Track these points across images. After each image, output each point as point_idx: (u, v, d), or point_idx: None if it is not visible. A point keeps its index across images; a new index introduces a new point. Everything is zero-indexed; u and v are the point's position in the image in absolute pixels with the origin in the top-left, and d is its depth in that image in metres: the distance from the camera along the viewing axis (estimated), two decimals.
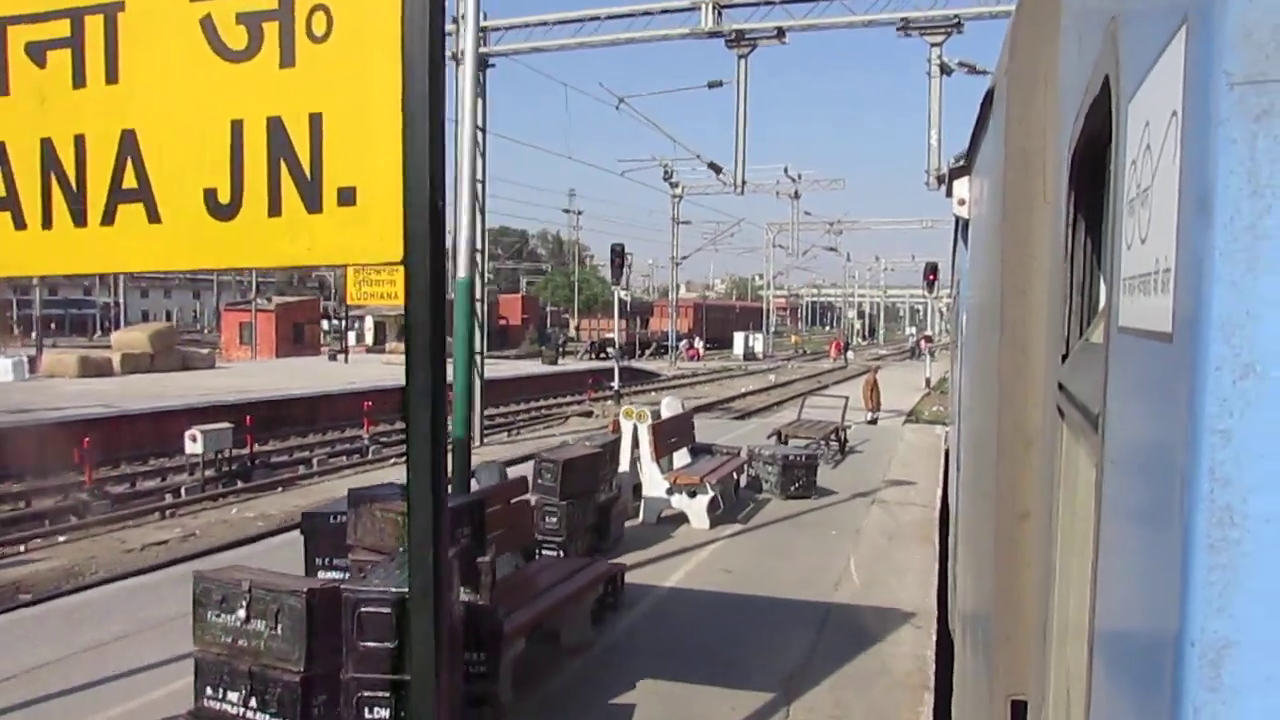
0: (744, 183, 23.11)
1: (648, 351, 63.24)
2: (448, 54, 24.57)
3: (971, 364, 4.39)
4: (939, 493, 14.08)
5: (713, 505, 11.29)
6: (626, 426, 11.42)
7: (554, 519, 9.11)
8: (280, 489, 19.92)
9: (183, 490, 18.71)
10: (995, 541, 2.54)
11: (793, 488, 13.02)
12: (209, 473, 19.52)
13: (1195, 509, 0.78)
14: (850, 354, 70.41)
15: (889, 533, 11.34)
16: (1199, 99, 0.81)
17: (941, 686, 6.64)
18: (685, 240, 61.67)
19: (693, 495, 11.09)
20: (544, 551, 9.13)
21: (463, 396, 8.12)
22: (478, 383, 25.85)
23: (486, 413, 33.27)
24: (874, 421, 26.52)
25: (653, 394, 41.97)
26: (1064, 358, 1.89)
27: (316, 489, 19.90)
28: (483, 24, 24.44)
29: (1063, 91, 2.05)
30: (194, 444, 18.80)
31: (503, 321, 76.54)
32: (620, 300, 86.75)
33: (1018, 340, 2.44)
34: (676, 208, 54.37)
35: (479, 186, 25.59)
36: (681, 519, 11.24)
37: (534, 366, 44.92)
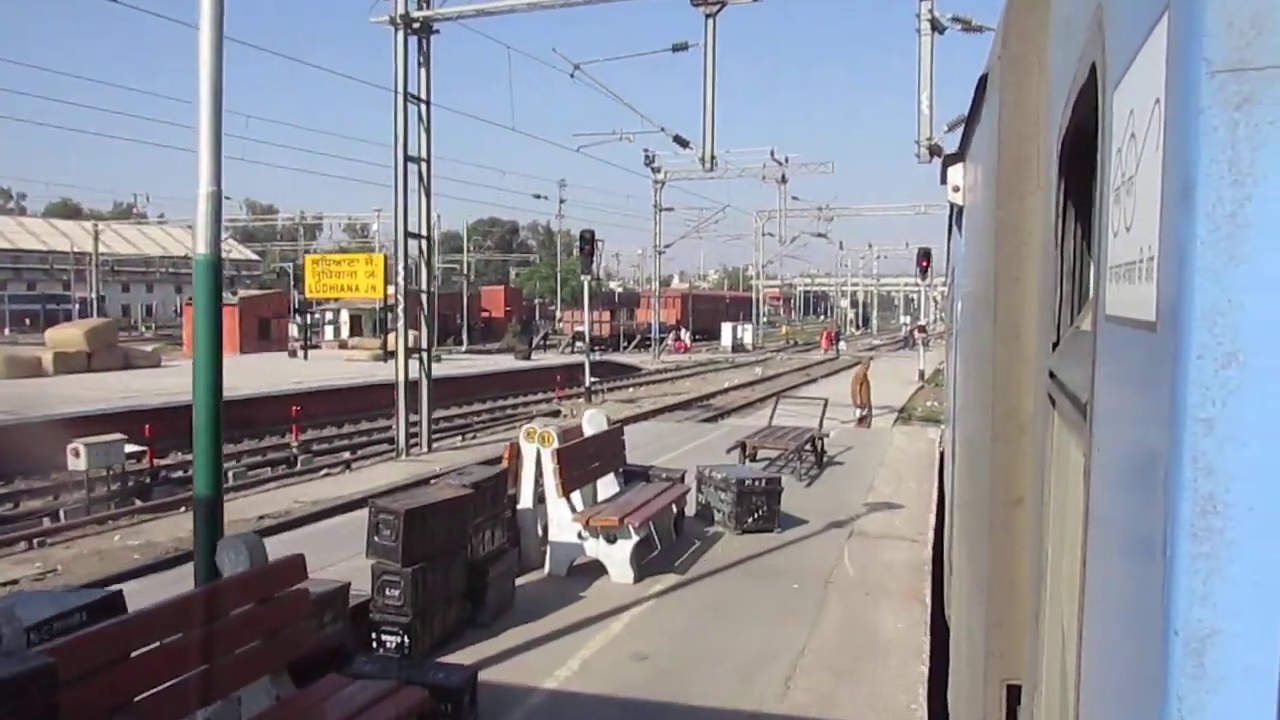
0: (713, 157, 20.48)
1: (632, 343, 60.59)
2: (390, 16, 21.85)
3: (966, 351, 4.39)
4: (932, 520, 11.49)
5: (638, 552, 8.69)
6: (528, 451, 8.80)
7: (395, 592, 6.51)
8: (183, 509, 17.31)
9: (62, 514, 16.09)
10: (989, 527, 2.56)
11: (750, 519, 10.41)
12: (99, 491, 16.91)
13: (1179, 498, 0.78)
14: (842, 345, 67.78)
15: (867, 585, 8.72)
16: (1180, 87, 0.80)
17: (936, 671, 6.43)
18: (674, 229, 59.04)
19: (611, 540, 8.47)
20: (385, 637, 6.53)
21: (207, 431, 5.31)
22: (425, 383, 23.30)
23: (445, 414, 30.63)
24: (864, 420, 23.90)
25: (630, 390, 39.38)
26: (1055, 345, 1.89)
27: (227, 506, 17.31)
28: None
29: (1052, 79, 2.08)
30: (77, 459, 16.18)
31: (485, 314, 73.94)
32: (609, 290, 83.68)
33: (1011, 328, 2.46)
34: (659, 194, 51.67)
35: (422, 165, 22.98)
36: (600, 569, 8.65)
37: (506, 361, 42.28)
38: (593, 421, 10.09)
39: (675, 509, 9.83)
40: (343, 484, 18.93)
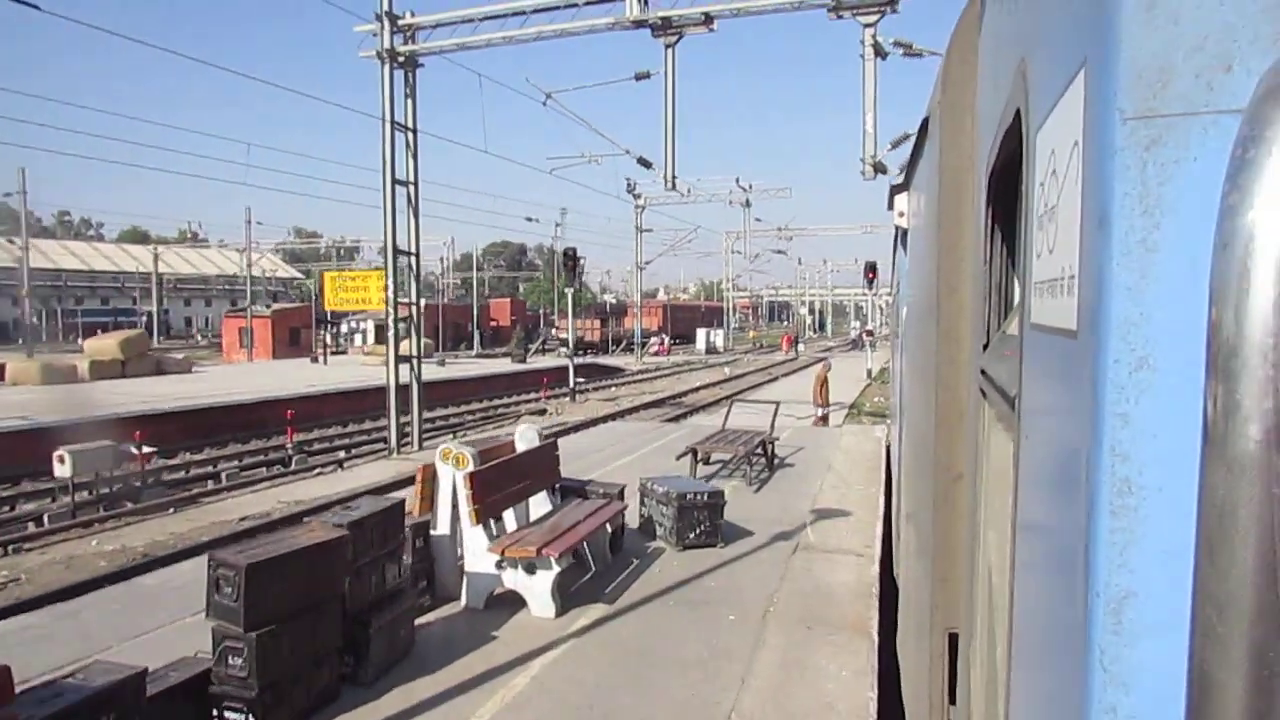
0: (674, 178, 18.53)
1: (620, 347, 58.59)
2: (376, 51, 19.84)
3: (911, 351, 4.36)
4: (879, 529, 9.57)
5: (564, 580, 6.75)
6: (444, 473, 6.85)
7: (238, 661, 4.56)
8: (172, 510, 15.33)
9: (45, 519, 14.08)
10: (933, 499, 2.54)
11: (692, 535, 8.48)
12: (84, 496, 14.90)
13: (1099, 480, 0.78)
14: (801, 347, 65.90)
15: (809, 616, 6.78)
16: (1097, 131, 0.80)
17: (884, 629, 6.24)
18: (654, 248, 57.07)
19: (531, 571, 6.52)
20: (229, 715, 4.59)
21: None
22: (415, 386, 21.34)
23: (439, 413, 28.64)
24: (825, 419, 21.95)
25: (612, 389, 37.38)
26: (985, 347, 1.88)
27: (213, 508, 15.33)
28: (409, 21, 19.79)
29: (980, 121, 2.08)
30: (62, 466, 14.17)
31: (494, 323, 71.83)
32: (603, 302, 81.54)
33: (950, 331, 2.47)
34: (639, 217, 49.65)
35: (410, 189, 21.02)
36: (521, 600, 6.70)
37: (506, 365, 40.20)
38: (525, 437, 8.12)
39: (610, 528, 7.88)
40: (332, 482, 16.91)
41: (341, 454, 20.95)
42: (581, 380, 40.14)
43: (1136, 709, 0.77)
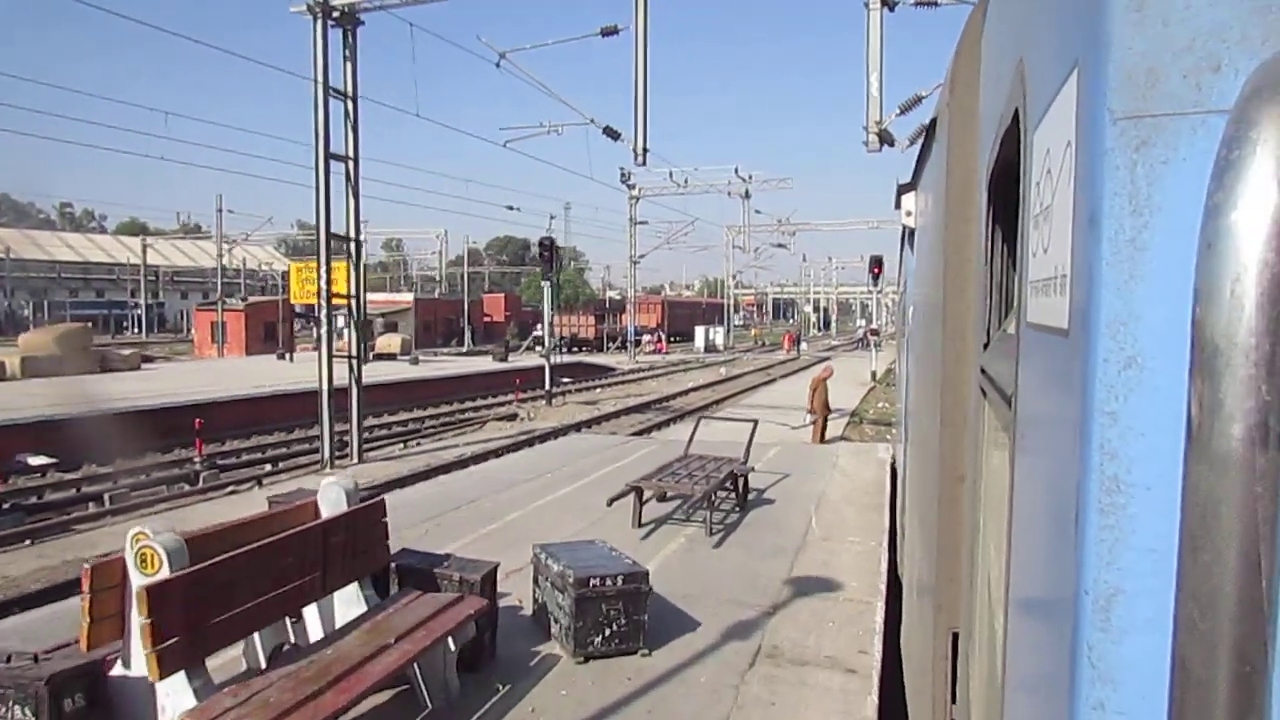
0: (645, 150, 15.69)
1: (614, 345, 55.72)
2: (308, 4, 16.77)
3: (918, 351, 4.38)
4: (880, 610, 6.70)
5: None
6: (135, 579, 4.02)
7: None
8: (29, 541, 12.56)
9: None
10: (938, 500, 2.53)
11: (599, 637, 5.60)
12: None
13: (1088, 478, 0.78)
14: (804, 346, 62.87)
15: None
16: (1088, 131, 0.80)
17: (890, 622, 6.14)
18: (652, 241, 54.13)
19: None
20: None
21: None
22: (355, 390, 18.56)
23: (399, 418, 25.83)
24: (822, 432, 19.02)
25: (597, 391, 34.50)
26: (986, 345, 1.88)
27: (84, 539, 12.58)
28: None
29: (983, 121, 2.10)
30: None
31: (487, 318, 69.09)
32: (602, 297, 78.60)
33: (957, 331, 2.45)
34: (634, 208, 46.74)
35: (348, 165, 18.22)
36: None
37: (486, 363, 37.32)
38: (329, 497, 5.22)
39: (456, 643, 4.99)
40: (239, 506, 14.10)
41: (268, 467, 18.14)
42: (568, 380, 37.34)
43: (1123, 704, 0.77)
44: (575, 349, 56.93)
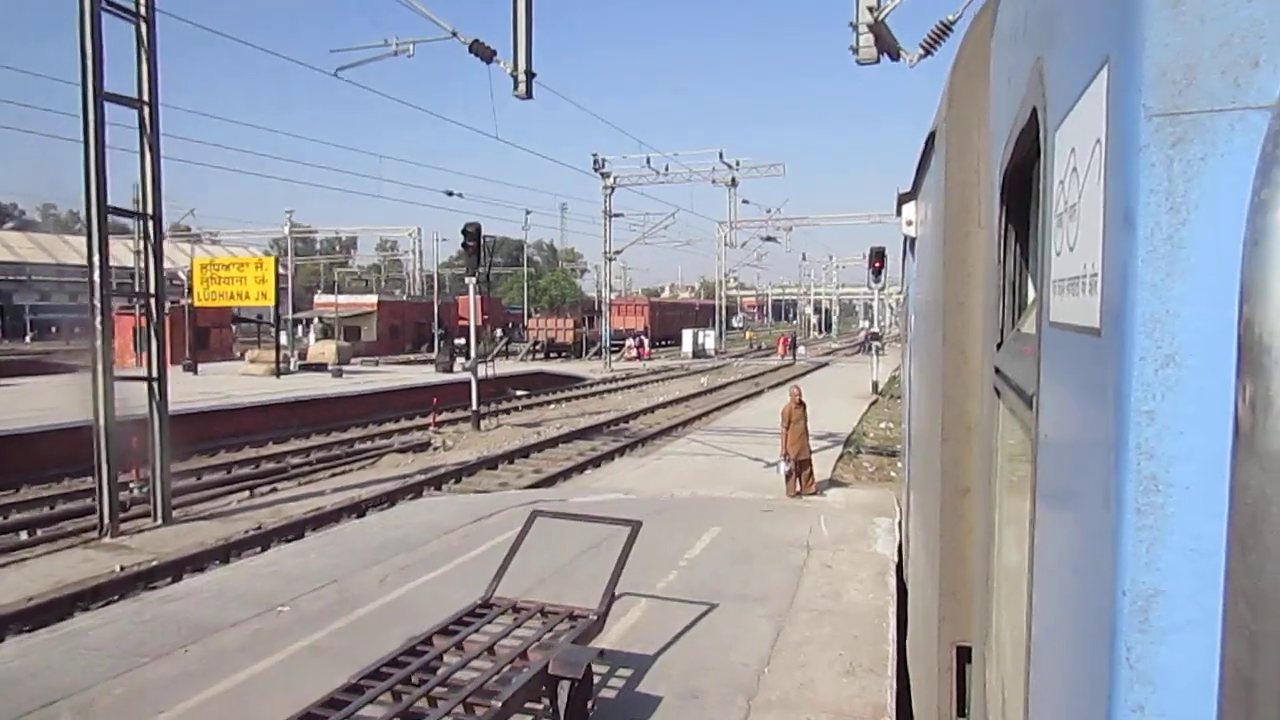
0: (529, 75, 10.46)
1: (592, 350, 50.37)
2: None
3: (919, 362, 4.30)
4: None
5: None
6: None
7: None
8: None
9: None
10: (941, 513, 2.50)
11: None
12: None
13: (1125, 478, 0.76)
14: (801, 350, 57.36)
15: None
16: (1121, 128, 0.79)
17: (902, 628, 5.83)
18: (637, 235, 48.71)
19: None
20: None
21: None
22: (156, 423, 13.37)
23: (291, 447, 20.41)
24: (799, 483, 13.56)
25: (550, 407, 29.13)
26: (999, 346, 1.84)
27: None
28: None
29: (993, 122, 2.03)
30: None
31: (463, 322, 63.85)
32: (589, 298, 73.13)
33: (957, 344, 2.43)
34: (608, 199, 41.43)
35: (143, 112, 13.04)
36: None
37: (425, 374, 31.93)
38: None
39: None
40: None
41: (24, 535, 12.85)
42: (523, 393, 31.96)
43: (1164, 706, 0.75)
44: (552, 355, 51.59)
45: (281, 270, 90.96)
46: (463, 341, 23.99)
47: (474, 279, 21.86)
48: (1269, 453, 0.60)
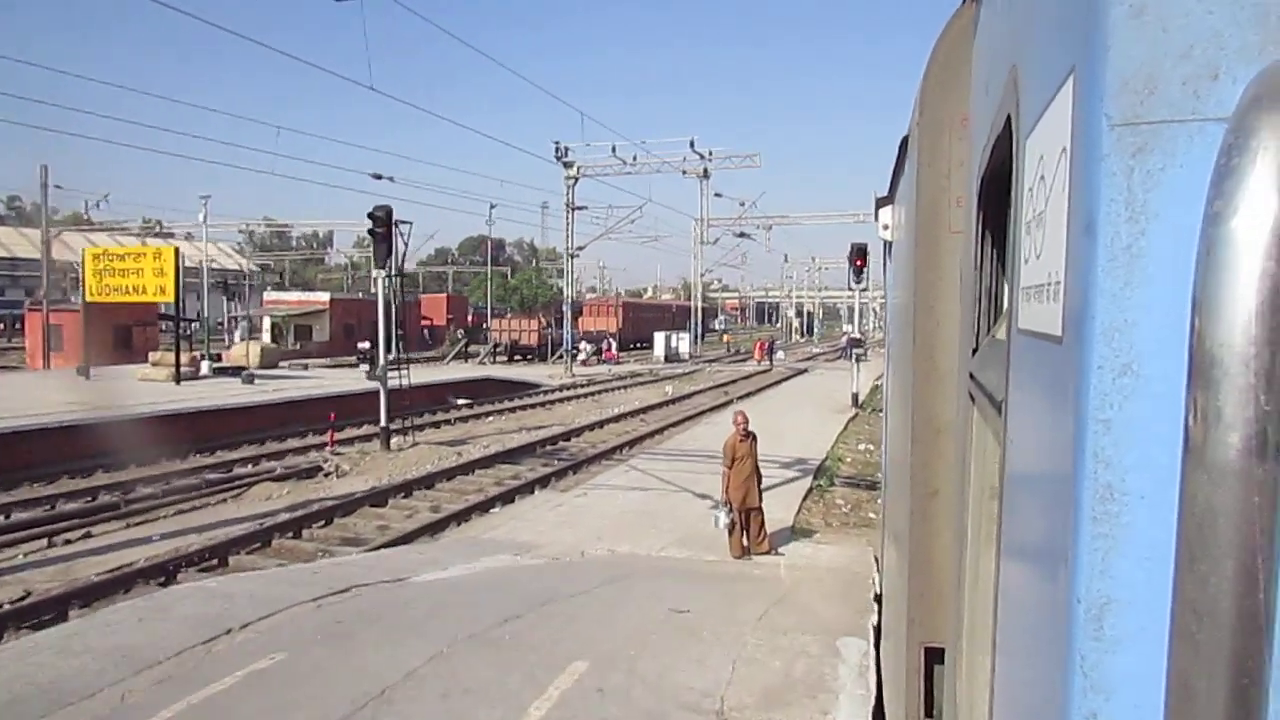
0: None
1: (558, 353, 46.85)
2: None
3: (893, 367, 4.34)
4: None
5: None
6: None
7: None
8: None
9: None
10: (911, 516, 2.49)
11: None
12: None
13: (1081, 486, 0.76)
14: (780, 355, 54.01)
15: None
16: (1084, 137, 0.79)
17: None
18: (618, 234, 45.22)
19: None
20: None
21: None
22: None
23: (101, 482, 16.62)
24: (745, 539, 10.18)
25: (488, 420, 25.59)
26: (974, 351, 1.84)
27: None
28: None
29: (973, 128, 2.03)
30: None
31: (426, 322, 60.22)
32: (563, 297, 69.85)
33: (928, 348, 2.42)
34: (571, 191, 37.95)
35: None
36: None
37: (353, 379, 28.18)
38: None
39: None
40: None
41: None
42: (464, 402, 28.46)
43: (1116, 715, 0.75)
44: (516, 357, 48.07)
45: (238, 266, 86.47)
46: (366, 345, 20.32)
47: (383, 272, 18.40)
48: (1216, 465, 0.60)
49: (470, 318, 60.36)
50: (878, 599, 6.65)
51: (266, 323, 49.94)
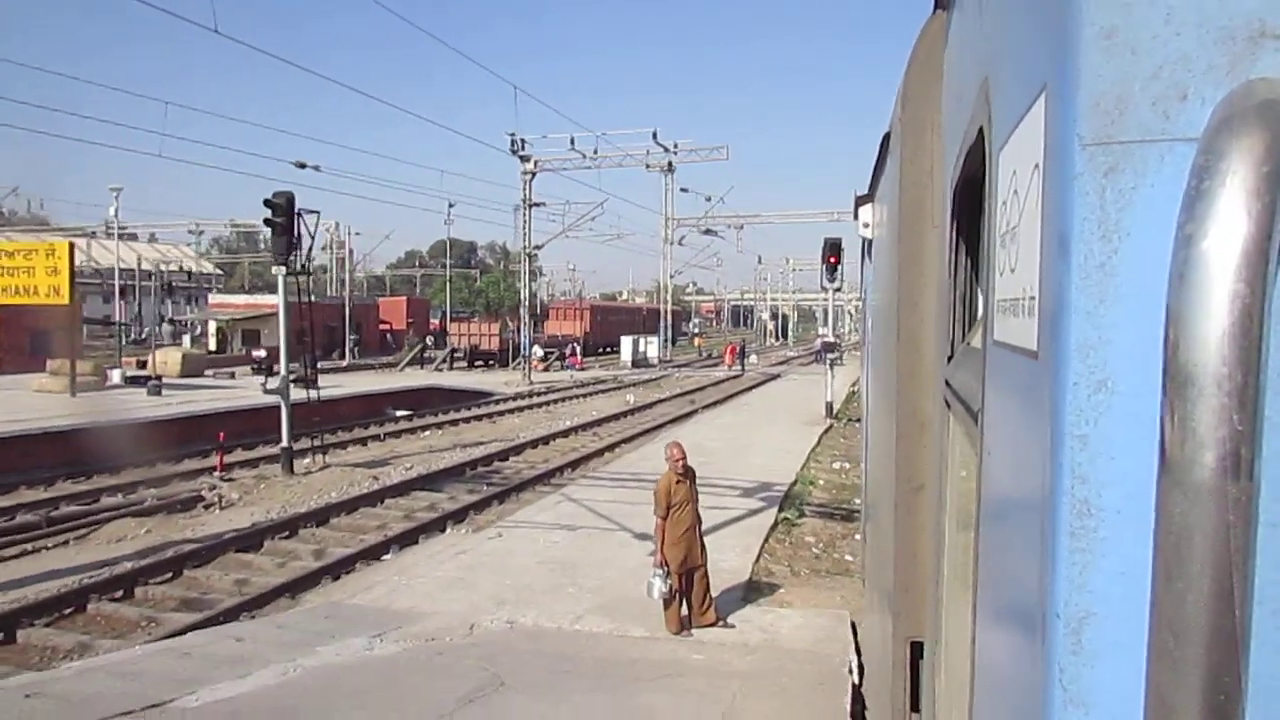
0: None
1: (519, 359, 44.16)
2: None
3: (875, 363, 4.31)
4: None
5: None
6: None
7: None
8: None
9: None
10: (895, 510, 2.49)
11: None
12: None
13: (1058, 502, 0.76)
14: (753, 359, 51.70)
15: None
16: (1057, 156, 0.80)
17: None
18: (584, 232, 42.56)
19: None
20: None
21: None
22: None
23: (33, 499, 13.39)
24: (686, 619, 7.71)
25: (421, 436, 22.93)
26: (949, 358, 1.85)
27: None
28: None
29: (945, 136, 2.02)
30: None
31: (385, 326, 57.29)
32: (534, 301, 67.09)
33: (911, 343, 2.43)
34: (528, 186, 35.35)
35: None
36: None
37: (242, 395, 25.18)
38: None
39: None
40: None
41: None
42: (405, 413, 25.78)
43: None
44: (476, 363, 45.37)
45: (194, 266, 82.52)
46: (263, 354, 17.61)
47: (283, 269, 15.75)
48: (1191, 482, 0.61)
49: (436, 322, 57.50)
50: (856, 689, 5.85)
51: (211, 327, 46.91)
